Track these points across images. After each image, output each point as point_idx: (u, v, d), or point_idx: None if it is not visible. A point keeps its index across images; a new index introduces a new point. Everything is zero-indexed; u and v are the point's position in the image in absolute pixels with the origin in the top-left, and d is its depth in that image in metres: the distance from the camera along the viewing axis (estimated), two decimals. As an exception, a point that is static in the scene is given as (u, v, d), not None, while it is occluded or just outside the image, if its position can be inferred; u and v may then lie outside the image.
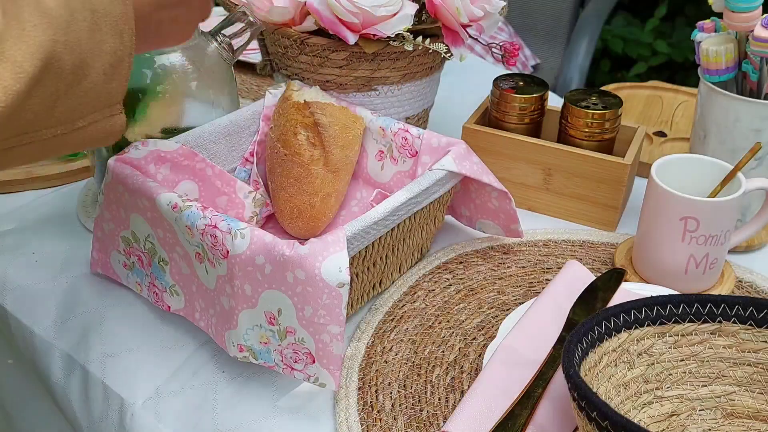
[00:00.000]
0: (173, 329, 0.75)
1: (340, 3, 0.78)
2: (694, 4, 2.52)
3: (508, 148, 0.91)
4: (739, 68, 0.83)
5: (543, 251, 0.86)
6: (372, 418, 0.66)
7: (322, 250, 0.62)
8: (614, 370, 0.62)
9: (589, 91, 0.93)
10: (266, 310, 0.65)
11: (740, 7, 0.77)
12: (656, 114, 1.16)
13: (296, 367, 0.65)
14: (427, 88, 0.94)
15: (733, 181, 0.77)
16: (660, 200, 0.76)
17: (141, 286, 0.76)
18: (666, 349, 0.64)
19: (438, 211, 0.82)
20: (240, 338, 0.66)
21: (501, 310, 0.78)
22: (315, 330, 0.63)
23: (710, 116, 0.84)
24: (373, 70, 0.86)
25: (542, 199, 0.92)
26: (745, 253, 0.87)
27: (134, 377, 0.71)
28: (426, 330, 0.75)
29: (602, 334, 0.61)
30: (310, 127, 0.79)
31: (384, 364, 0.71)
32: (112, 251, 0.77)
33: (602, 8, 2.13)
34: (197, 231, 0.65)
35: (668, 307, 0.63)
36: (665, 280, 0.78)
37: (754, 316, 0.63)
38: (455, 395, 0.68)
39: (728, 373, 0.64)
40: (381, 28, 0.80)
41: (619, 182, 0.87)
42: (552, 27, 2.20)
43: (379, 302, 0.78)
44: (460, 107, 1.06)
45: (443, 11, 0.82)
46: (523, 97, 0.91)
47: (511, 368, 0.66)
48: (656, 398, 0.63)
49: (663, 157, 0.79)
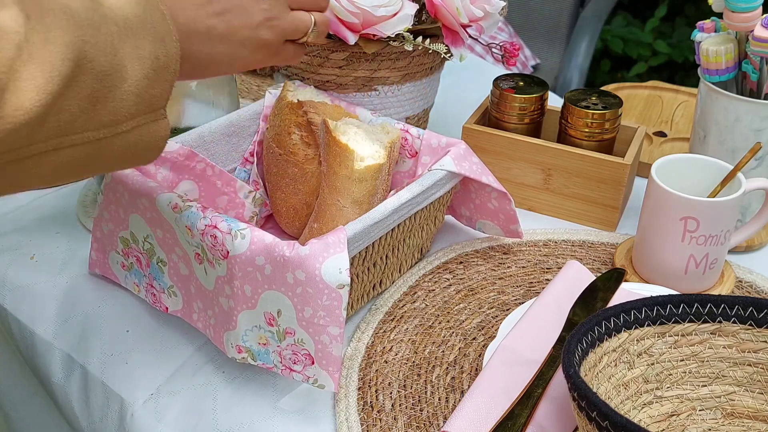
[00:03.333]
0: (173, 329, 0.75)
1: (340, 3, 0.78)
2: (694, 4, 2.52)
3: (508, 148, 0.91)
4: (739, 68, 0.83)
5: (543, 251, 0.86)
6: (372, 418, 0.66)
7: (322, 251, 0.62)
8: (614, 370, 0.62)
9: (589, 91, 0.93)
10: (266, 311, 0.65)
11: (740, 7, 0.77)
12: (656, 114, 1.16)
13: (295, 369, 0.65)
14: (427, 88, 0.94)
15: (733, 181, 0.77)
16: (660, 200, 0.76)
17: (139, 287, 0.76)
18: (666, 349, 0.64)
19: (438, 211, 0.82)
20: (239, 339, 0.66)
21: (501, 310, 0.78)
22: (315, 331, 0.63)
23: (710, 116, 0.84)
24: (373, 70, 0.86)
25: (542, 199, 0.92)
26: (745, 253, 0.87)
27: (134, 377, 0.71)
28: (426, 330, 0.75)
29: (602, 334, 0.61)
30: (304, 127, 0.79)
31: (384, 364, 0.71)
32: (110, 252, 0.77)
33: (602, 8, 2.13)
34: (197, 231, 0.65)
35: (668, 307, 0.63)
36: (665, 280, 0.78)
37: (754, 316, 0.63)
38: (455, 395, 0.68)
39: (728, 373, 0.64)
40: (381, 28, 0.80)
41: (619, 182, 0.87)
42: (552, 27, 2.20)
43: (379, 302, 0.78)
44: (460, 107, 1.06)
45: (443, 11, 0.82)
46: (523, 97, 0.91)
47: (511, 368, 0.66)
48: (656, 398, 0.63)
49: (663, 157, 0.79)
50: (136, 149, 0.51)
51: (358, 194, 0.73)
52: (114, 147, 0.49)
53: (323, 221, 0.75)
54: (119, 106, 0.48)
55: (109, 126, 0.48)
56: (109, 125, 0.48)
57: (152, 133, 0.52)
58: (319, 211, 0.76)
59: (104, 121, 0.48)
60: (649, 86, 1.23)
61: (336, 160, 0.73)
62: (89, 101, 0.46)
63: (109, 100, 0.47)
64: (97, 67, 0.46)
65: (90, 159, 0.48)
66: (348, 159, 0.72)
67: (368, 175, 0.73)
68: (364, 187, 0.73)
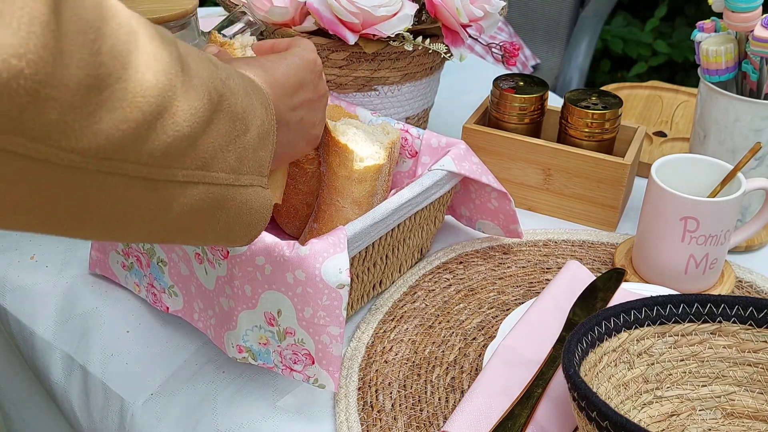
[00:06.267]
0: (173, 329, 0.75)
1: (340, 3, 0.78)
2: (694, 4, 2.52)
3: (508, 148, 0.91)
4: (739, 68, 0.83)
5: (543, 251, 0.86)
6: (372, 418, 0.66)
7: (322, 251, 0.62)
8: (614, 370, 0.62)
9: (589, 91, 0.93)
10: (266, 311, 0.65)
11: (740, 7, 0.77)
12: (656, 114, 1.16)
13: (295, 368, 0.65)
14: (427, 88, 0.94)
15: (733, 181, 0.77)
16: (660, 200, 0.76)
17: (139, 287, 0.76)
18: (666, 349, 0.64)
19: (438, 211, 0.82)
20: (239, 339, 0.66)
21: (501, 310, 0.78)
22: (315, 331, 0.63)
23: (710, 116, 0.84)
24: (373, 70, 0.86)
25: (542, 199, 0.92)
26: (745, 253, 0.87)
27: (134, 377, 0.71)
28: (426, 330, 0.75)
29: (602, 334, 0.61)
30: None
31: (384, 364, 0.71)
32: (110, 251, 0.77)
33: (602, 8, 2.13)
34: (197, 231, 0.65)
35: (668, 307, 0.63)
36: (665, 280, 0.78)
37: (754, 316, 0.63)
38: (455, 395, 0.68)
39: (728, 373, 0.64)
40: (381, 28, 0.80)
41: (619, 182, 0.87)
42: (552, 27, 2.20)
43: (379, 302, 0.78)
44: (460, 107, 1.06)
45: (443, 11, 0.82)
46: (523, 97, 0.91)
47: (511, 368, 0.66)
48: (656, 398, 0.63)
49: (663, 157, 0.79)
50: (250, 211, 0.51)
51: (358, 194, 0.73)
52: (236, 198, 0.49)
53: (323, 221, 0.75)
54: (242, 155, 0.49)
55: (234, 172, 0.48)
56: (235, 171, 0.48)
57: (262, 198, 0.52)
58: (318, 211, 0.76)
59: (233, 165, 0.48)
60: (649, 86, 1.23)
61: (336, 160, 0.73)
62: (226, 140, 0.47)
63: (237, 145, 0.48)
64: (232, 109, 0.47)
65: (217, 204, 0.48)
66: (347, 159, 0.72)
67: (368, 176, 0.73)
68: (364, 187, 0.73)
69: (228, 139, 0.47)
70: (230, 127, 0.47)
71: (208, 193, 0.46)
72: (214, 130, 0.45)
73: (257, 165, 0.51)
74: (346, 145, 0.72)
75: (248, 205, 0.51)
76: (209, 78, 0.45)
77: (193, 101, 0.43)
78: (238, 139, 0.48)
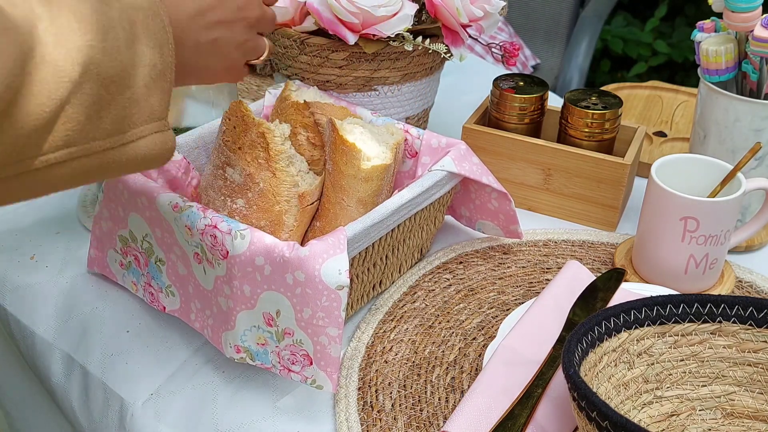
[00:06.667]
0: (173, 329, 0.75)
1: (340, 3, 0.78)
2: (694, 4, 2.52)
3: (508, 148, 0.91)
4: (739, 68, 0.83)
5: (543, 251, 0.86)
6: (372, 418, 0.66)
7: (322, 252, 0.62)
8: (614, 370, 0.62)
9: (589, 91, 0.93)
10: (265, 312, 0.65)
11: (740, 7, 0.77)
12: (656, 114, 1.16)
13: (293, 369, 0.65)
14: (427, 88, 0.93)
15: (733, 181, 0.77)
16: (660, 200, 0.76)
17: (137, 286, 0.76)
18: (666, 349, 0.64)
19: (438, 211, 0.82)
20: (237, 339, 0.66)
21: (501, 310, 0.78)
22: (313, 332, 0.63)
23: (710, 116, 0.84)
24: (373, 70, 0.86)
25: (542, 199, 0.92)
26: (745, 253, 0.87)
27: (134, 377, 0.71)
28: (426, 330, 0.75)
29: (602, 334, 0.61)
30: (310, 128, 0.79)
31: (384, 364, 0.71)
32: (108, 250, 0.77)
33: (602, 8, 2.13)
34: (197, 231, 0.65)
35: (668, 307, 0.63)
36: (665, 280, 0.78)
37: (754, 316, 0.63)
38: (455, 395, 0.68)
39: (728, 373, 0.64)
40: (381, 28, 0.80)
41: (619, 182, 0.87)
42: (552, 27, 2.20)
43: (379, 302, 0.78)
44: (460, 107, 1.06)
45: (443, 11, 0.82)
46: (523, 97, 0.91)
47: (511, 368, 0.66)
48: (656, 398, 0.63)
49: (663, 157, 0.79)
50: (144, 160, 0.51)
51: (364, 194, 0.73)
52: (122, 157, 0.49)
53: (326, 219, 0.75)
54: (123, 114, 0.48)
55: (114, 135, 0.48)
56: (115, 134, 0.48)
57: (157, 146, 0.52)
58: (322, 210, 0.76)
59: (110, 130, 0.47)
60: (649, 86, 1.23)
61: (342, 159, 0.73)
62: (95, 109, 0.45)
63: (114, 107, 0.47)
64: (103, 72, 0.46)
65: (98, 170, 0.48)
66: (355, 158, 0.72)
67: (374, 175, 0.73)
68: (370, 186, 0.73)
69: (98, 107, 0.46)
70: (101, 93, 0.46)
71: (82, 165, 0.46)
72: (78, 102, 0.44)
73: (148, 112, 0.50)
74: (354, 144, 0.72)
75: (141, 157, 0.50)
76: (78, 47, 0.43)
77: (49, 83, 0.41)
78: (114, 101, 0.47)
